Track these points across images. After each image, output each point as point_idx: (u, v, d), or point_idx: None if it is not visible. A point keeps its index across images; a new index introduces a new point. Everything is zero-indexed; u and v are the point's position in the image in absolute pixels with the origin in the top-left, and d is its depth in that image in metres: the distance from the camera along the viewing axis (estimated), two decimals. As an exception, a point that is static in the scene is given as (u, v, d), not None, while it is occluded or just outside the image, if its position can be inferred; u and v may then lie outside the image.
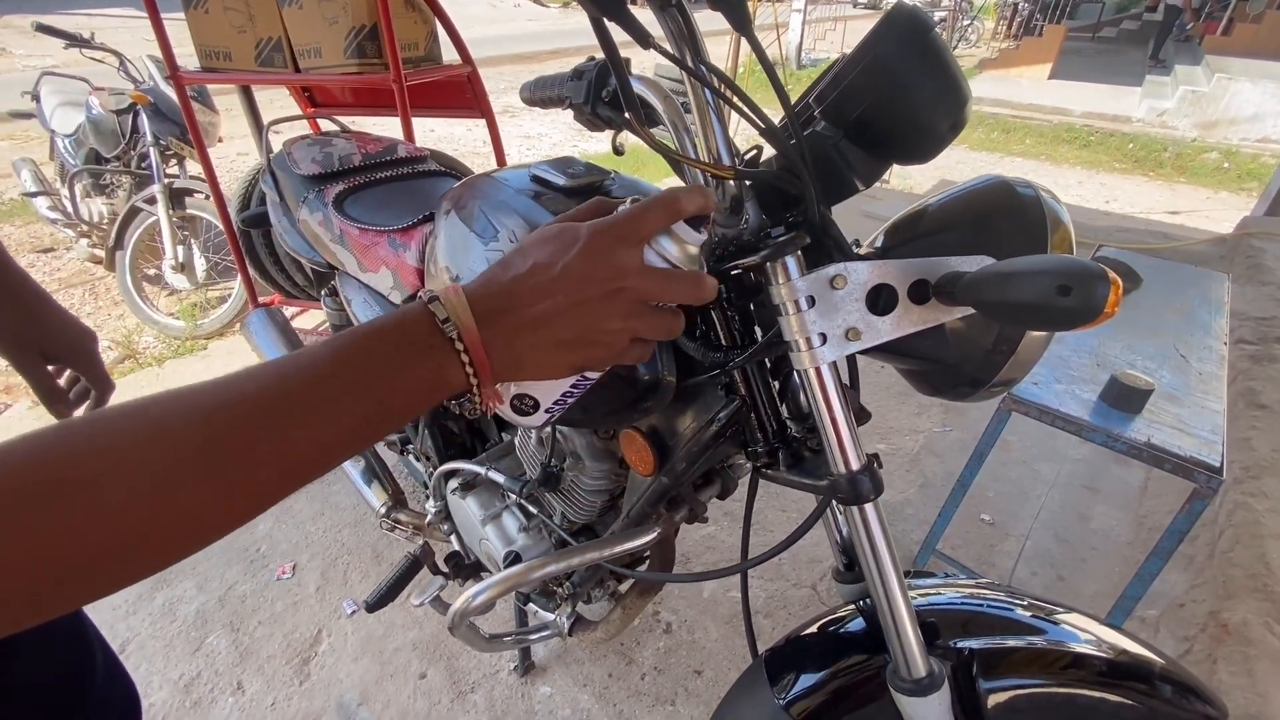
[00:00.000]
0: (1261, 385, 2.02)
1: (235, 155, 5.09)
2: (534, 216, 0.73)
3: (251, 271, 2.42)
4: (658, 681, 1.37)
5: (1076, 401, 1.27)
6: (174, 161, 2.85)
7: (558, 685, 1.36)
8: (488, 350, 0.37)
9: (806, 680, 0.71)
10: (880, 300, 0.55)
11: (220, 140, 3.25)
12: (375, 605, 1.13)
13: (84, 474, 0.27)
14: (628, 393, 0.70)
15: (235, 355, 2.59)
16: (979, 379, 0.61)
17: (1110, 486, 1.92)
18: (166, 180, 2.65)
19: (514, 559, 0.97)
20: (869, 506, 0.59)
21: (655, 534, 0.78)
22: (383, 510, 1.38)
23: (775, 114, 0.57)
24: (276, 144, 1.42)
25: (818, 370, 0.57)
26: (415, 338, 0.37)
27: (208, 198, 2.66)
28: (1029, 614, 0.73)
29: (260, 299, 2.48)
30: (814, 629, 0.77)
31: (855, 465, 0.58)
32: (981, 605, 0.74)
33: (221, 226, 2.38)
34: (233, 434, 0.31)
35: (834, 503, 0.79)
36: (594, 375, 0.47)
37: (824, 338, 0.55)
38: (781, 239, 0.55)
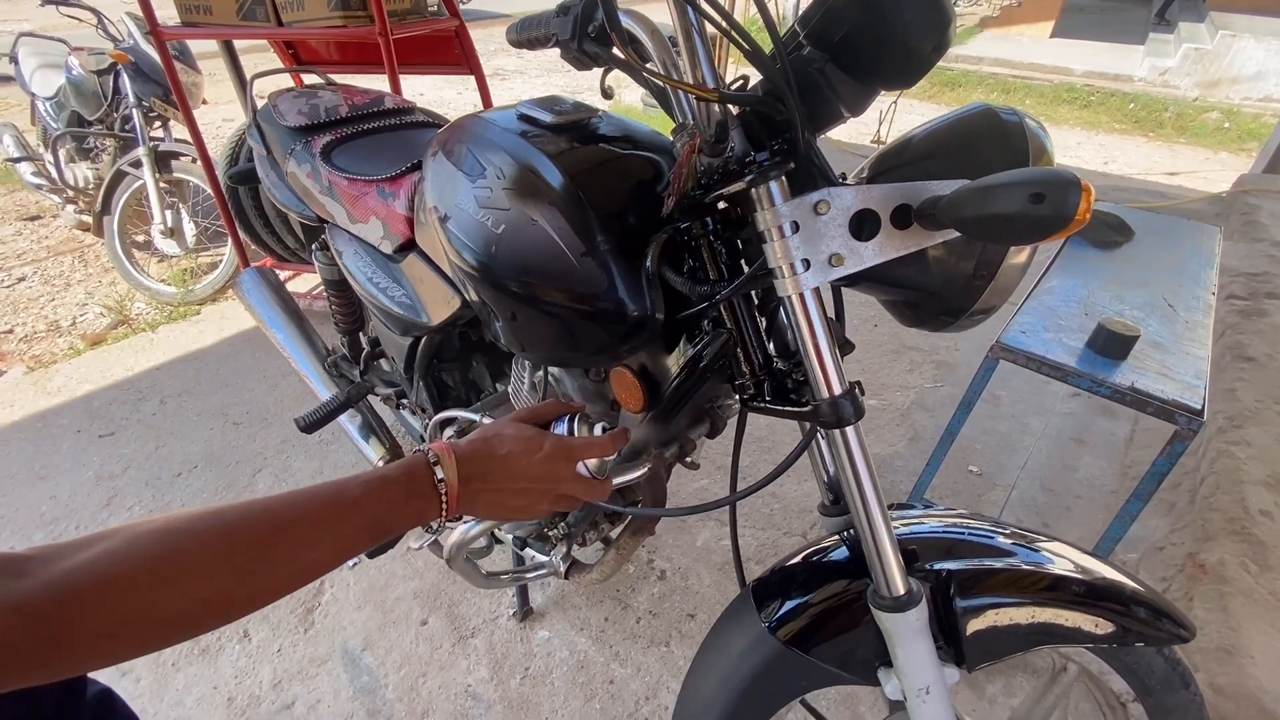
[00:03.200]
0: (1250, 339, 2.04)
1: (221, 121, 4.99)
2: (521, 153, 0.73)
3: (242, 234, 2.40)
4: (652, 625, 1.41)
5: (1063, 349, 1.29)
6: (158, 123, 2.80)
7: (556, 629, 1.40)
8: (459, 502, 0.56)
9: (791, 605, 0.74)
10: (863, 226, 0.56)
11: (205, 102, 3.19)
12: (375, 552, 1.16)
13: (174, 584, 0.42)
14: (616, 329, 0.71)
15: (228, 320, 2.58)
16: (959, 306, 0.62)
17: (1097, 439, 1.95)
18: (151, 143, 2.61)
19: (509, 502, 0.99)
20: (850, 430, 0.61)
21: (645, 469, 0.80)
22: (380, 463, 1.40)
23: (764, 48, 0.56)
24: (261, 103, 1.39)
25: (801, 296, 0.58)
26: (416, 488, 0.54)
27: (194, 161, 2.62)
28: (1009, 541, 0.75)
29: (252, 264, 2.46)
30: (799, 559, 0.80)
31: (837, 390, 0.60)
32: (963, 533, 0.76)
33: (209, 189, 2.35)
34: (268, 554, 0.46)
35: (820, 440, 0.81)
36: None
37: (807, 264, 0.56)
38: (765, 163, 0.55)
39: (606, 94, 0.84)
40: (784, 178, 0.56)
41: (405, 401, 1.39)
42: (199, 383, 2.21)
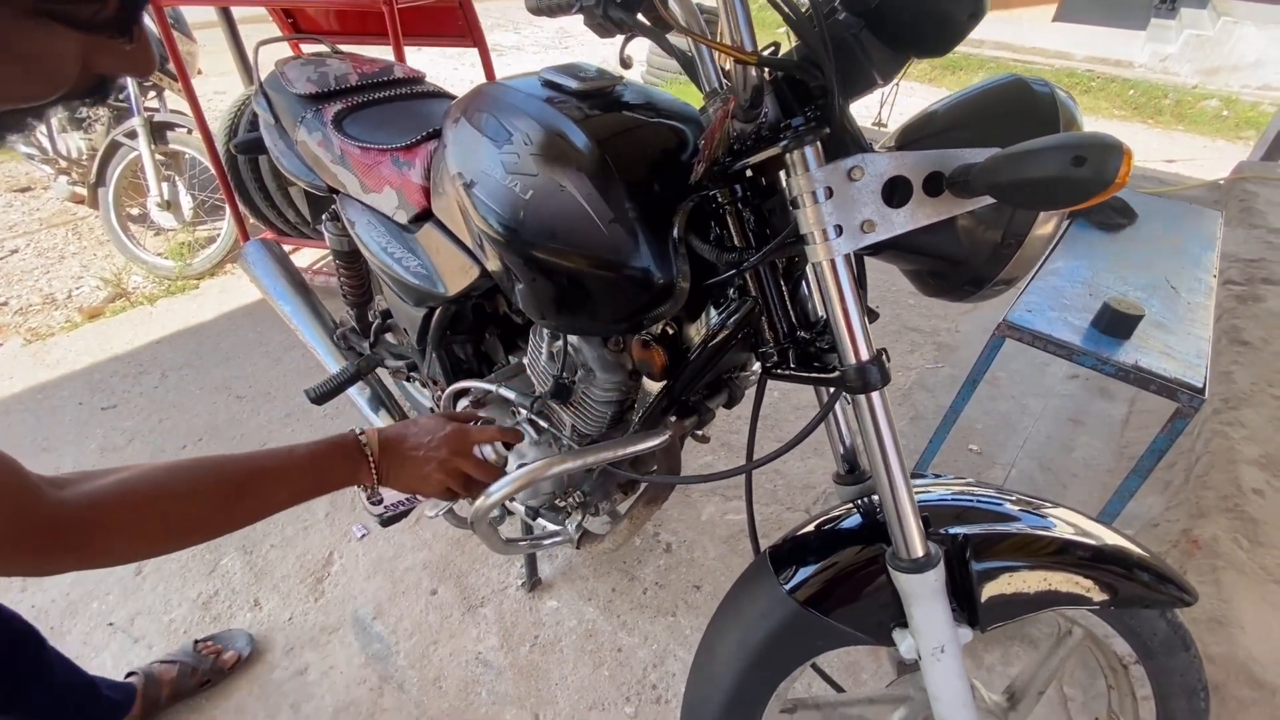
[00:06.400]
0: (1245, 323, 2.07)
1: (212, 94, 4.88)
2: (547, 119, 0.73)
3: (241, 207, 2.37)
4: (659, 595, 1.44)
5: (1069, 328, 1.30)
6: (152, 93, 2.74)
7: (564, 599, 1.43)
8: (381, 467, 0.75)
9: (809, 569, 0.75)
10: (895, 193, 0.56)
11: (200, 72, 3.13)
12: (388, 522, 1.17)
13: (177, 503, 0.60)
14: (642, 296, 0.71)
15: (229, 294, 2.57)
16: (985, 276, 0.63)
17: (1094, 419, 1.98)
18: (146, 113, 2.56)
19: (525, 471, 1.00)
20: (876, 396, 0.62)
21: (666, 437, 0.81)
22: (390, 436, 1.40)
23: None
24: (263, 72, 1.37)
25: (831, 263, 0.58)
26: (347, 454, 0.73)
27: (190, 132, 2.58)
28: (1017, 507, 0.77)
29: (253, 237, 2.43)
30: (813, 526, 0.81)
31: (865, 356, 0.61)
32: (972, 500, 0.78)
33: (208, 161, 2.32)
34: (246, 491, 0.65)
35: (838, 410, 0.83)
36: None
37: (839, 230, 0.57)
38: (801, 128, 0.55)
39: (625, 63, 0.84)
40: (819, 143, 0.56)
41: (415, 374, 1.39)
42: (200, 356, 2.20)
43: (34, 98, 0.35)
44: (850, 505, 0.82)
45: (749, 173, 0.67)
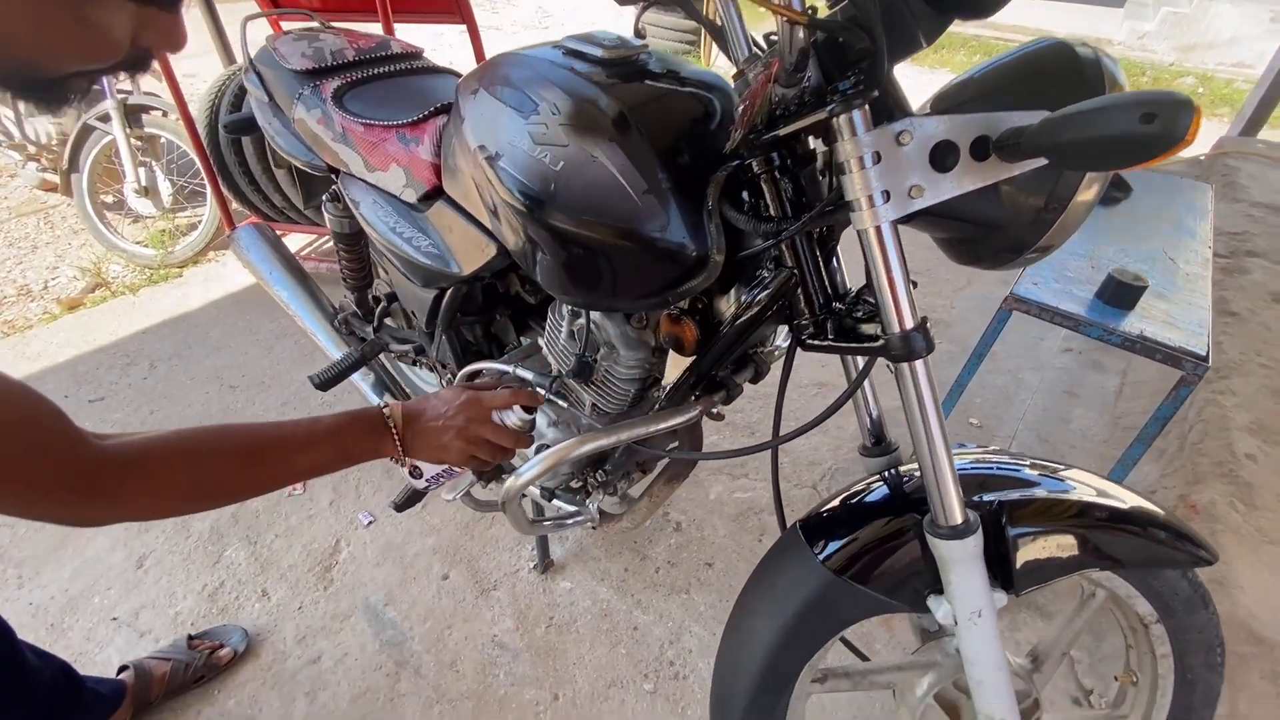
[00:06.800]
0: (1232, 295, 2.12)
1: (182, 76, 4.72)
2: (576, 88, 0.71)
3: (225, 191, 2.30)
4: (671, 574, 1.44)
5: (1074, 300, 1.32)
6: (124, 75, 2.64)
7: (577, 580, 1.43)
8: (405, 439, 0.76)
9: (842, 539, 0.76)
10: (938, 158, 0.56)
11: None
12: (404, 505, 1.16)
13: (206, 462, 0.64)
14: (677, 268, 0.70)
15: (214, 282, 2.50)
16: (1024, 242, 0.62)
17: (1088, 392, 2.02)
18: (120, 96, 2.46)
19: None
20: (919, 363, 0.62)
21: (696, 412, 0.80)
22: (397, 421, 1.38)
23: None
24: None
25: (878, 230, 0.58)
26: (375, 428, 0.75)
27: (165, 114, 2.50)
28: (1036, 472, 0.79)
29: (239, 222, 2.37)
30: (841, 499, 0.82)
31: (910, 324, 0.60)
32: (992, 468, 0.79)
33: (188, 144, 2.24)
34: (269, 458, 0.67)
35: (868, 382, 0.83)
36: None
37: (886, 195, 0.56)
38: (850, 91, 0.54)
39: (640, 33, 0.82)
40: (866, 107, 0.55)
41: (421, 358, 1.37)
42: (189, 346, 2.15)
43: (92, 63, 0.39)
44: (878, 477, 0.82)
45: (782, 136, 0.66)
